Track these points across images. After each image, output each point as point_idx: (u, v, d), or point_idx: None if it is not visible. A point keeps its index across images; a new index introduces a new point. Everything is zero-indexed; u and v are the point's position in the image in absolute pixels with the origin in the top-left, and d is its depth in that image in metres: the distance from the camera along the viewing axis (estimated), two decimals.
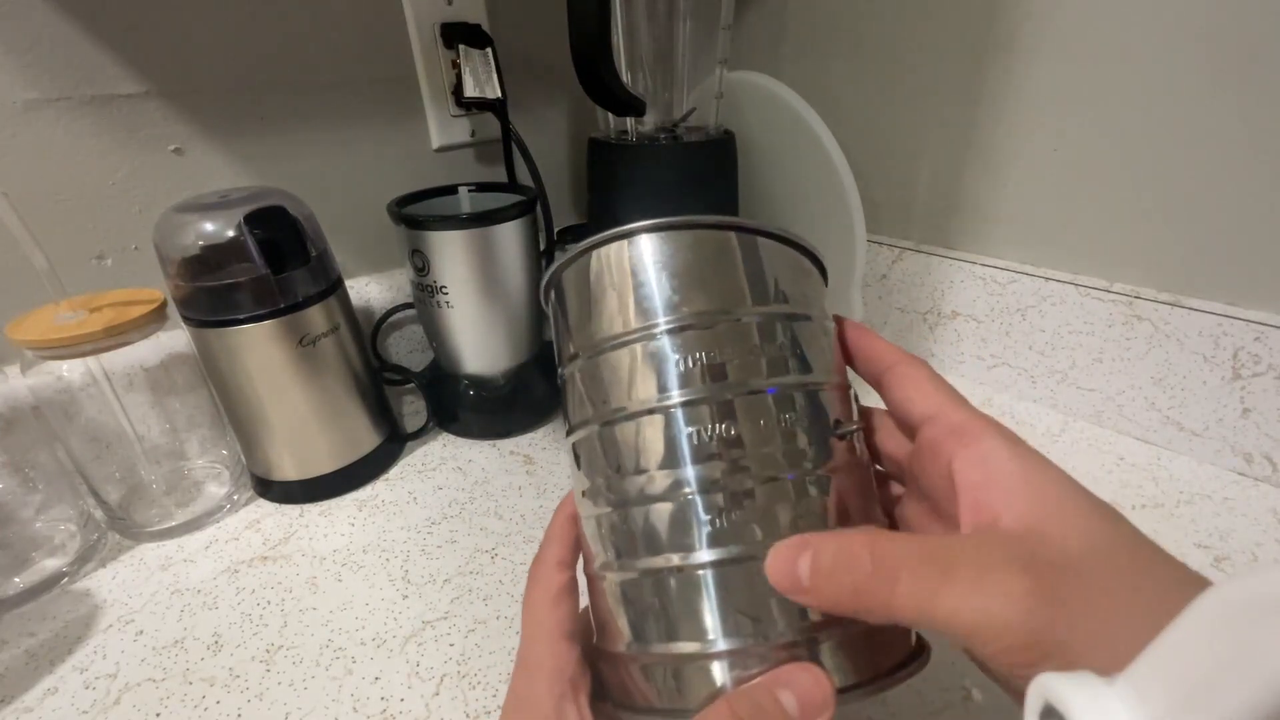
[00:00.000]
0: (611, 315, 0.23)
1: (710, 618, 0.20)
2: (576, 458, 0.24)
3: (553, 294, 0.26)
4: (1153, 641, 0.14)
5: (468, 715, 0.31)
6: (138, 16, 0.45)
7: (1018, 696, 0.16)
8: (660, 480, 0.21)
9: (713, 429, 0.21)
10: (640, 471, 0.22)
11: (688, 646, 0.20)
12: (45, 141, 0.44)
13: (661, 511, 0.21)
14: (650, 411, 0.22)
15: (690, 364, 0.22)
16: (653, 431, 0.22)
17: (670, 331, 0.22)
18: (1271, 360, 0.42)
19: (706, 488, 0.21)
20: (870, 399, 0.26)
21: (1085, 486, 0.19)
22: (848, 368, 0.26)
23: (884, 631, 0.21)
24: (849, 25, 0.57)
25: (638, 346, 0.23)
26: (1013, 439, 0.21)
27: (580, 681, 0.23)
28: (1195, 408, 0.46)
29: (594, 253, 0.24)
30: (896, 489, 0.27)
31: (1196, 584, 0.17)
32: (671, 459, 0.21)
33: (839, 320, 0.27)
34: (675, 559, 0.21)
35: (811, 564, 0.18)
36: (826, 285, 0.27)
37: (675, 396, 0.22)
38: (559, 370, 0.26)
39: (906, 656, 0.21)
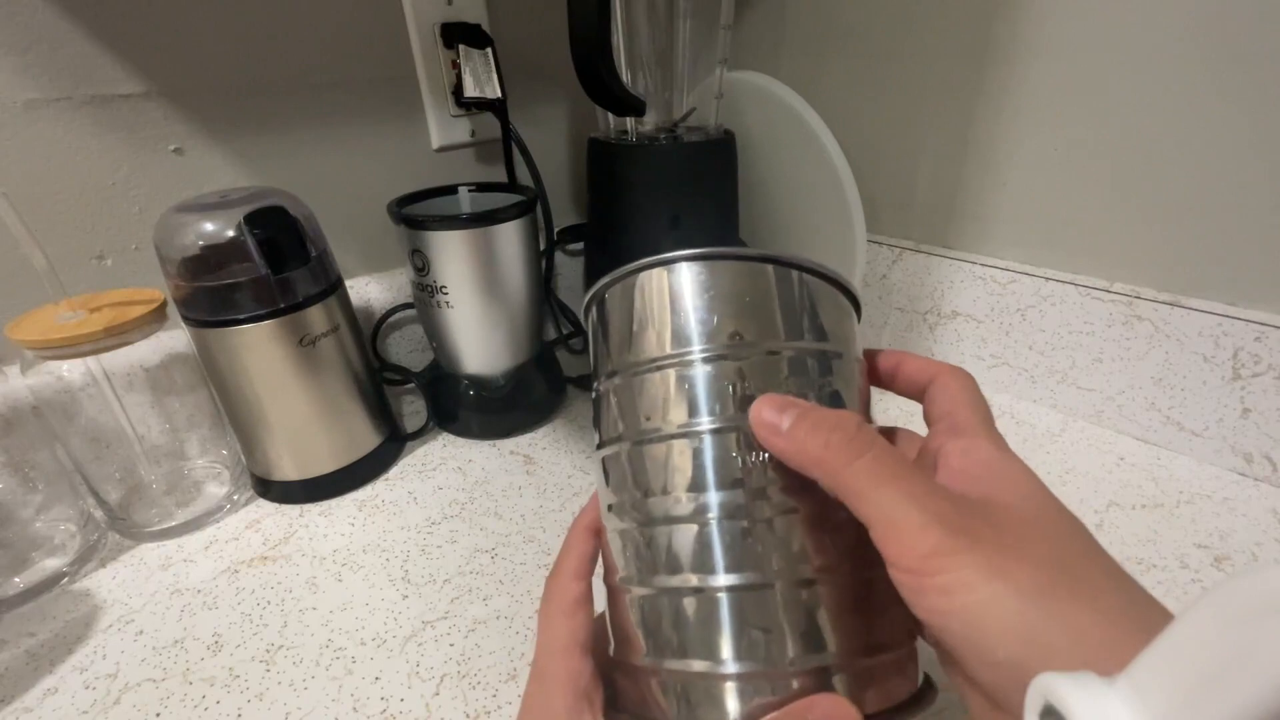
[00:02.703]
0: (650, 339, 0.24)
1: (724, 640, 0.21)
2: (606, 473, 0.25)
3: (594, 311, 0.27)
4: (1153, 641, 0.14)
5: (468, 715, 0.32)
6: (138, 16, 0.45)
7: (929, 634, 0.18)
8: (685, 502, 0.22)
9: (740, 457, 0.22)
10: (667, 493, 0.22)
11: (699, 665, 0.21)
12: (45, 141, 0.44)
13: (685, 533, 0.22)
14: (681, 435, 0.23)
15: (723, 392, 0.23)
16: (681, 455, 0.22)
17: (705, 359, 0.23)
18: (1271, 360, 0.42)
19: (729, 514, 0.21)
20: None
21: (1055, 495, 0.20)
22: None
23: (892, 670, 0.21)
24: (849, 25, 0.57)
25: (672, 371, 0.23)
26: (1001, 442, 0.22)
27: (594, 693, 0.23)
28: (1195, 408, 0.46)
29: (639, 276, 0.25)
30: None
31: (1127, 583, 0.18)
32: (698, 483, 0.22)
33: (871, 353, 0.27)
34: (694, 580, 0.21)
35: (798, 414, 0.20)
36: (859, 321, 0.27)
37: (705, 423, 0.22)
38: (594, 384, 0.27)
39: (911, 697, 0.22)
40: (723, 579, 0.21)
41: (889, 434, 0.27)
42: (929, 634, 0.19)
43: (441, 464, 0.51)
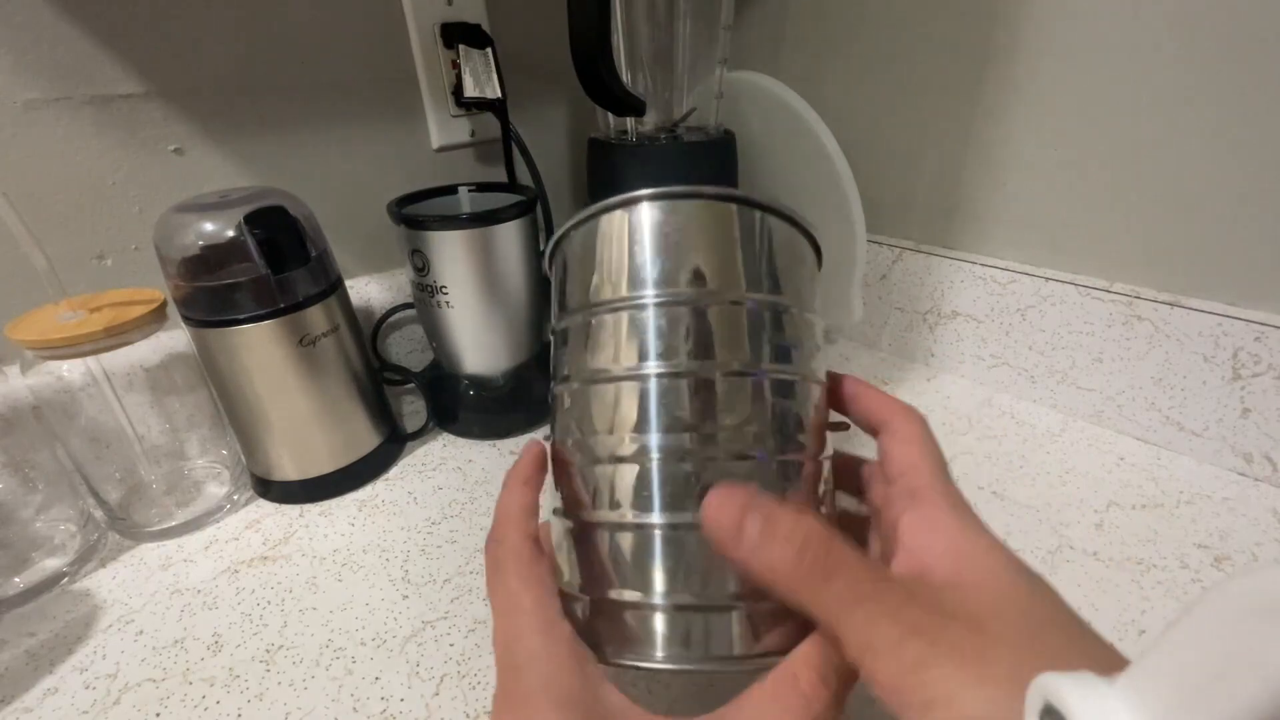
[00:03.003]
0: (607, 280, 0.24)
1: (657, 573, 0.22)
2: (554, 410, 0.26)
3: (558, 257, 0.27)
4: (1153, 641, 0.14)
5: (468, 715, 0.32)
6: (138, 16, 0.45)
7: None
8: (628, 444, 0.23)
9: (689, 401, 0.22)
10: (612, 432, 0.23)
11: (631, 595, 0.22)
12: (45, 141, 0.44)
13: (626, 472, 0.23)
14: (631, 378, 0.23)
15: (675, 338, 0.23)
16: (629, 397, 0.23)
17: (660, 304, 0.23)
18: (1271, 360, 0.42)
19: (672, 456, 0.22)
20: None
21: (1018, 557, 0.20)
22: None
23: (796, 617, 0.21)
24: (849, 25, 0.57)
25: (625, 314, 0.23)
26: (957, 502, 0.22)
27: (588, 657, 0.22)
28: (1195, 408, 0.46)
29: (599, 218, 0.25)
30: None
31: (1099, 646, 0.18)
32: (642, 425, 0.23)
33: (834, 376, 0.28)
34: (630, 516, 0.22)
35: (764, 526, 0.19)
36: (820, 269, 0.28)
37: (654, 367, 0.23)
38: (551, 325, 0.27)
39: None
40: (657, 517, 0.22)
41: (860, 464, 0.28)
42: None
43: (441, 464, 0.51)
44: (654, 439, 0.22)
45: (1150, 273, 0.46)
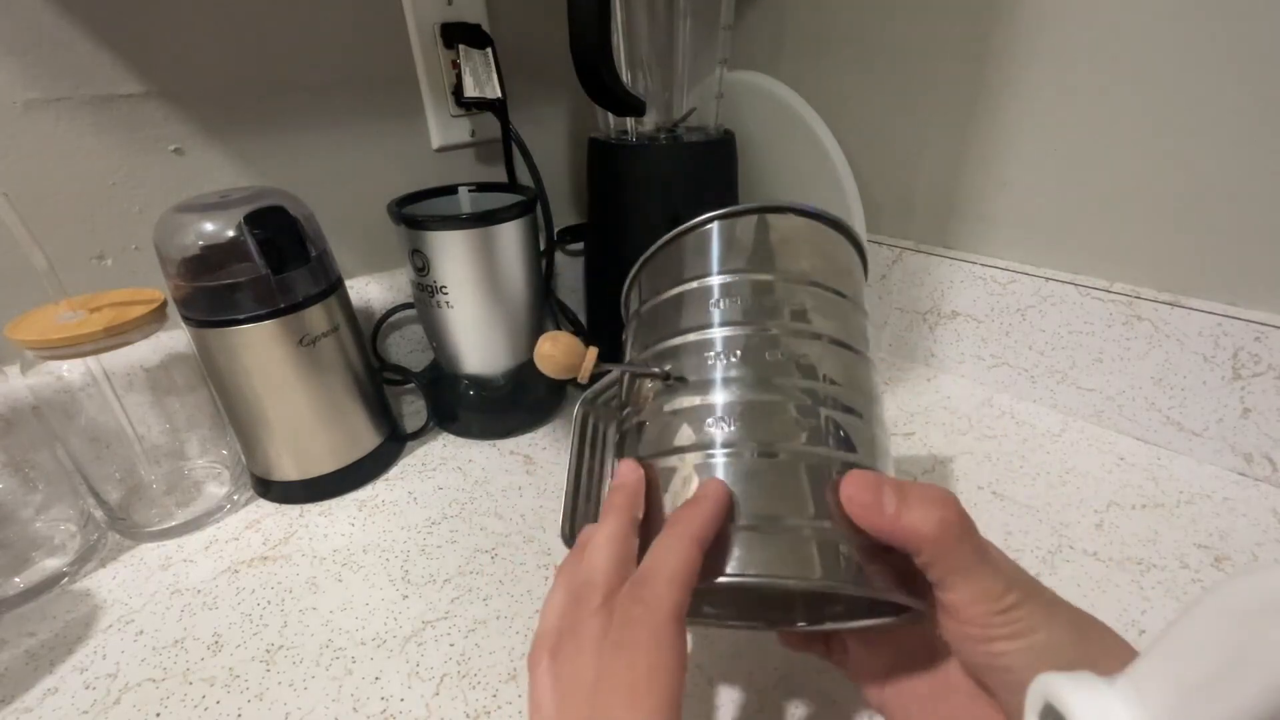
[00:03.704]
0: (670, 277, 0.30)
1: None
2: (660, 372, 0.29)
3: (631, 292, 0.33)
4: (1153, 641, 0.14)
5: (468, 715, 0.32)
6: (138, 16, 0.45)
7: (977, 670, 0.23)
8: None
9: (756, 343, 0.26)
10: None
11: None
12: (45, 141, 0.44)
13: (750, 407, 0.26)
14: (700, 328, 0.27)
15: (737, 302, 0.27)
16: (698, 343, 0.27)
17: (727, 275, 0.28)
18: (1271, 360, 0.42)
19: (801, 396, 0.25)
20: None
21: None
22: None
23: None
24: (849, 25, 0.57)
25: (690, 287, 0.28)
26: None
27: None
28: (1195, 408, 0.46)
29: (674, 242, 0.31)
30: None
31: (1098, 622, 0.22)
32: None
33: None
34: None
35: (899, 495, 0.22)
36: (866, 277, 0.32)
37: (717, 330, 0.27)
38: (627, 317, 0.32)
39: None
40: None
41: None
42: (978, 670, 0.23)
43: (441, 464, 0.51)
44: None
45: (1150, 273, 0.46)
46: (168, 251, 0.41)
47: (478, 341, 0.52)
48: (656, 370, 0.27)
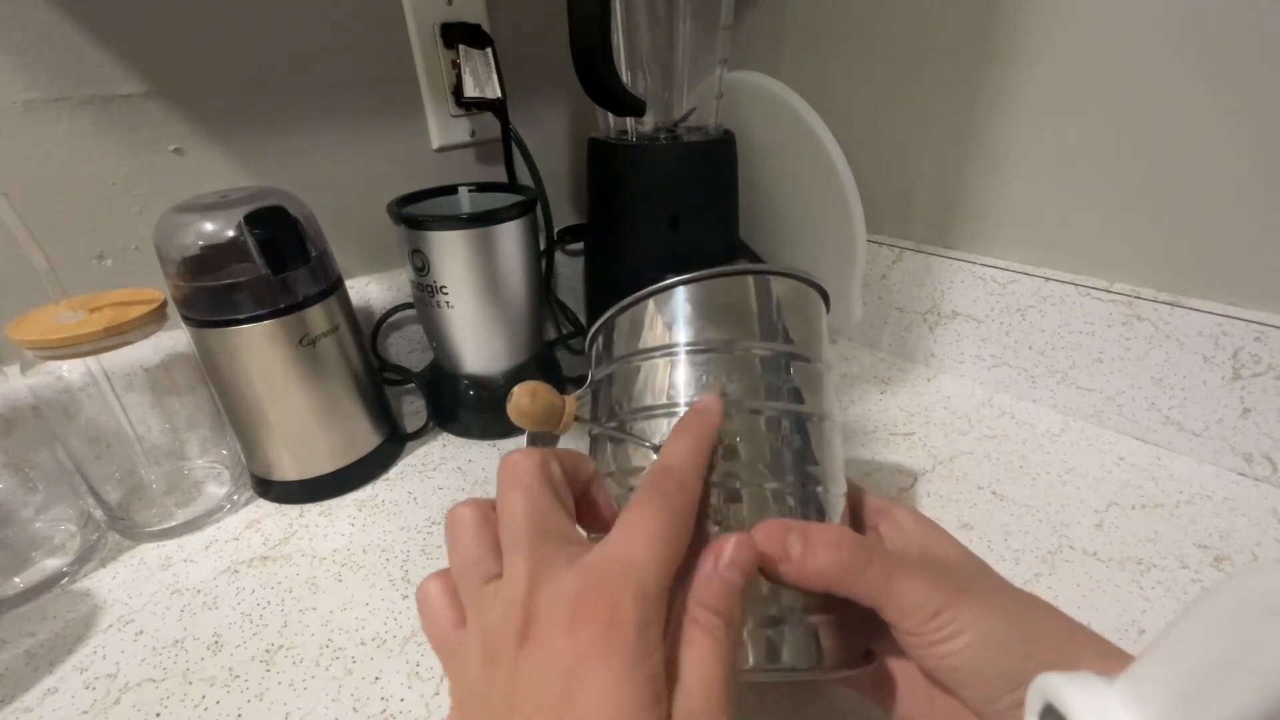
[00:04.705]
0: (643, 340, 0.29)
1: None
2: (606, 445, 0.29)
3: (599, 338, 0.31)
4: (1153, 641, 0.14)
5: None
6: (138, 16, 0.45)
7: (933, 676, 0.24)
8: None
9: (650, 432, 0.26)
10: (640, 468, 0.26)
11: None
12: (45, 141, 0.44)
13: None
14: (667, 407, 0.27)
15: (703, 379, 0.26)
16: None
17: (690, 351, 0.27)
18: (1271, 360, 0.42)
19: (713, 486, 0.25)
20: None
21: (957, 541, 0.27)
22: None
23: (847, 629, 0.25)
24: (849, 25, 0.57)
25: (659, 360, 0.27)
26: (917, 514, 0.29)
27: None
28: (1195, 408, 0.46)
29: (632, 308, 0.29)
30: None
31: (1040, 604, 0.23)
32: None
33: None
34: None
35: (803, 539, 0.23)
36: (828, 311, 0.31)
37: (683, 400, 0.26)
38: (591, 376, 0.31)
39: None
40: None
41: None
42: (931, 673, 0.23)
43: (441, 464, 0.51)
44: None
45: (1150, 273, 0.46)
46: (168, 251, 0.41)
47: (478, 341, 0.52)
48: (647, 443, 0.26)
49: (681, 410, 0.26)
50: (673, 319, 0.27)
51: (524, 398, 0.27)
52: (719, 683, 0.19)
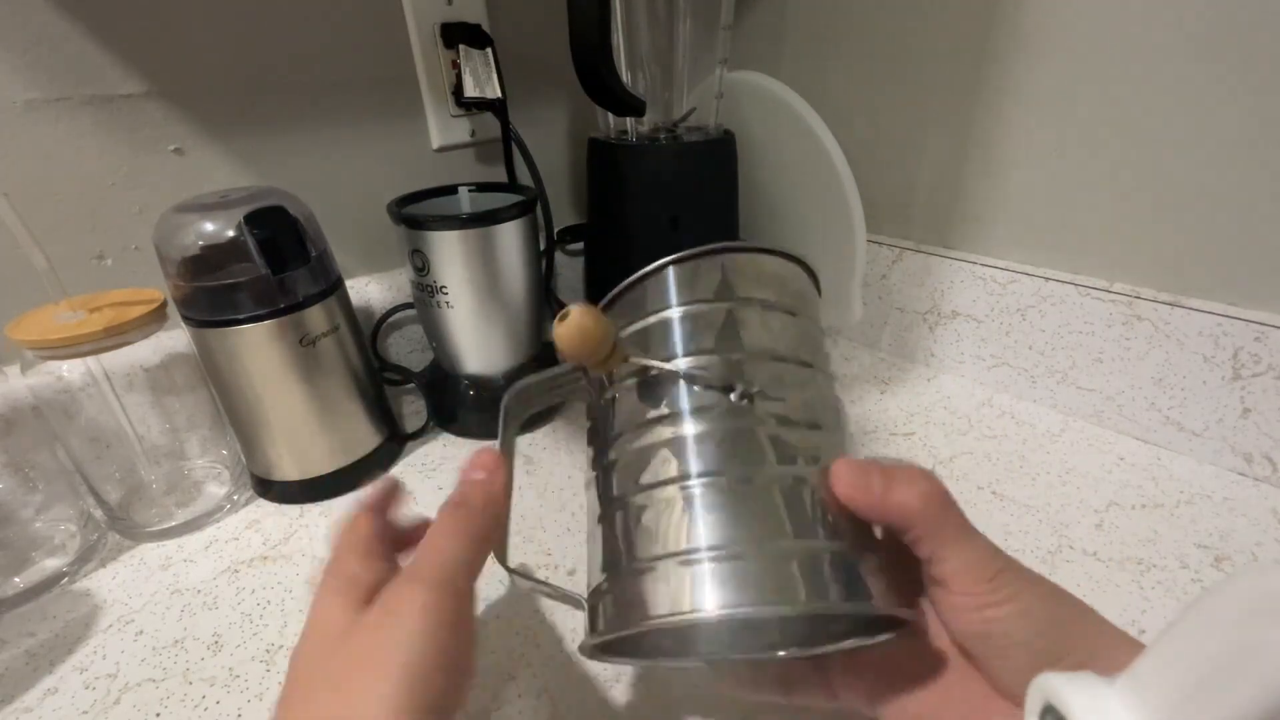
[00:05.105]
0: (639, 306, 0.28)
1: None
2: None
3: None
4: (1153, 641, 0.14)
5: (467, 714, 0.31)
6: (138, 16, 0.45)
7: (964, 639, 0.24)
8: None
9: (719, 378, 0.25)
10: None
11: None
12: (45, 141, 0.44)
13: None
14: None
15: (695, 327, 0.26)
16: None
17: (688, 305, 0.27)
18: (1271, 360, 0.42)
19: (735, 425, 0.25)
20: None
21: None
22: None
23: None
24: (849, 25, 0.57)
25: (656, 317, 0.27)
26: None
27: None
28: (1195, 408, 0.46)
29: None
30: None
31: (1068, 594, 0.24)
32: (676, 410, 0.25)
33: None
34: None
35: (884, 475, 0.23)
36: (819, 294, 0.31)
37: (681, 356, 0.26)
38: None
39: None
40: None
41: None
42: (971, 639, 0.24)
43: (441, 464, 0.51)
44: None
45: (1150, 273, 0.46)
46: (168, 251, 0.41)
47: (478, 341, 0.52)
48: (722, 385, 0.25)
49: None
50: (701, 283, 0.27)
51: (588, 317, 0.23)
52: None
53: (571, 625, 0.36)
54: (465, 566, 0.23)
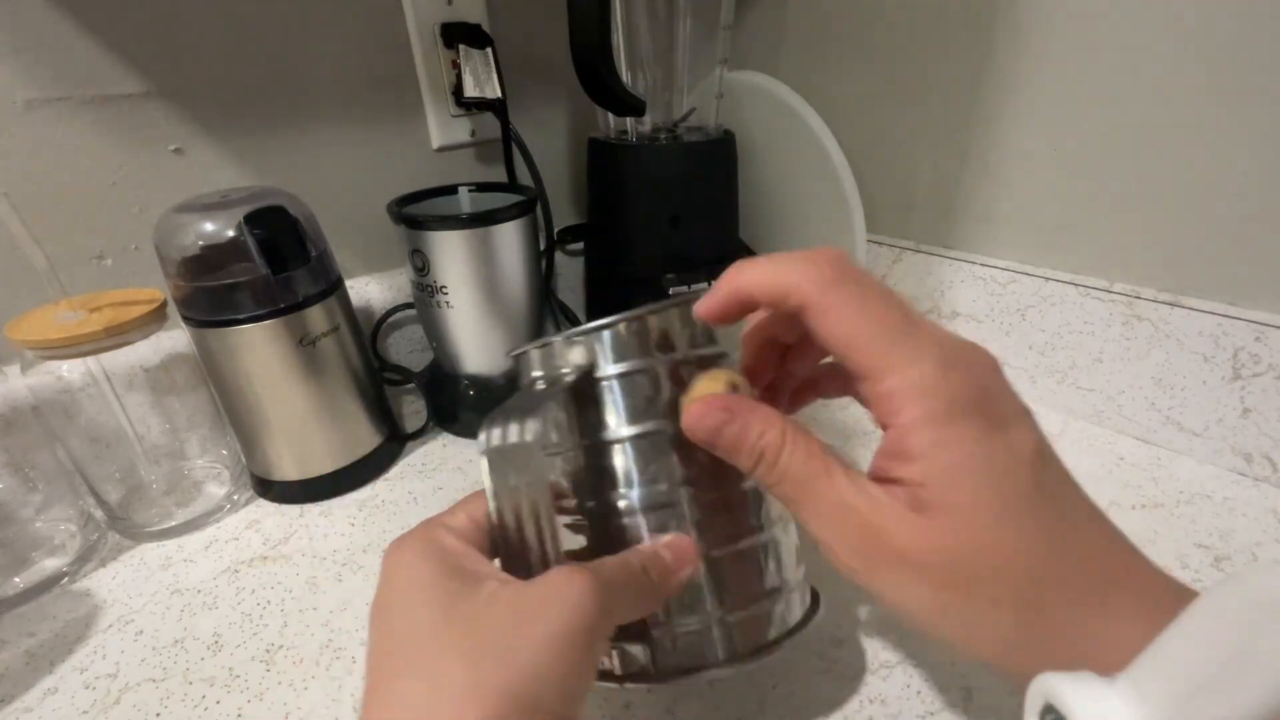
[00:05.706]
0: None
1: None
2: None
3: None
4: (1154, 641, 0.14)
5: None
6: (138, 16, 0.45)
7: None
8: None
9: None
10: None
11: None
12: (45, 141, 0.44)
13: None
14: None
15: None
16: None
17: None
18: (1271, 360, 0.42)
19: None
20: None
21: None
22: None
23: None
24: (849, 25, 0.57)
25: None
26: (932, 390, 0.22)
27: None
28: (1195, 408, 0.46)
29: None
30: None
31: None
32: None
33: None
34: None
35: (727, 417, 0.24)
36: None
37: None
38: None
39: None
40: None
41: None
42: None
43: (441, 464, 0.51)
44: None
45: (1150, 273, 0.46)
46: (168, 251, 0.41)
47: (478, 341, 0.52)
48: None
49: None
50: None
51: (730, 382, 0.25)
52: None
53: None
54: (621, 611, 0.23)
